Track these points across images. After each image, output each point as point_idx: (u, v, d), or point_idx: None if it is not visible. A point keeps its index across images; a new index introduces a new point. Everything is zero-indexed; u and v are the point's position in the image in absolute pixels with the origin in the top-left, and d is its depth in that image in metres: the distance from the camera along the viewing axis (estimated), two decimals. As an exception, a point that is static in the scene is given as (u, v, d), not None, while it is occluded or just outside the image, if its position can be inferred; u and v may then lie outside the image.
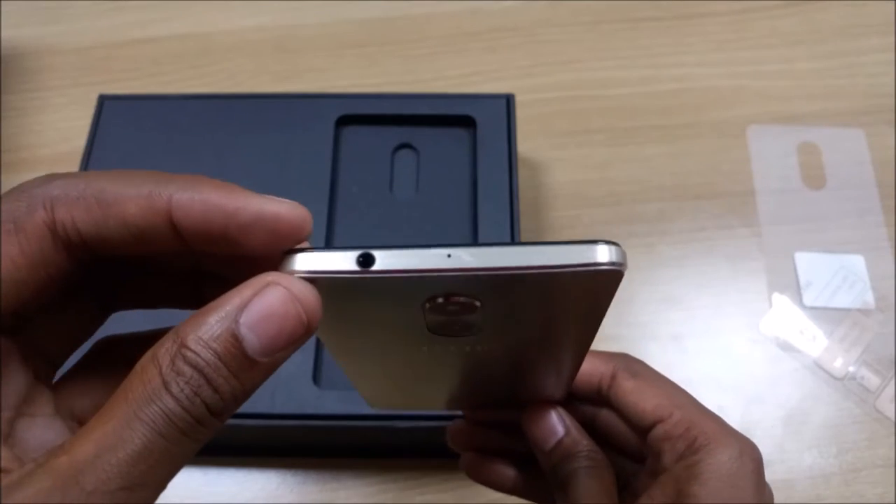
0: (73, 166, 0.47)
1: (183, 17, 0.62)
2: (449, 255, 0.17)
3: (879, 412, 0.45)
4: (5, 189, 0.17)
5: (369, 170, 0.47)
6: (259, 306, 0.16)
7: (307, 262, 0.17)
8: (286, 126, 0.48)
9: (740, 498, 0.25)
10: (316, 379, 0.40)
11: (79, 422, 0.19)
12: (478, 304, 0.18)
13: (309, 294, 0.17)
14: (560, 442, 0.28)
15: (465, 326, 0.20)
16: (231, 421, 0.41)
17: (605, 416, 0.29)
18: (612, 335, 0.48)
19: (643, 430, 0.28)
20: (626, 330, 0.48)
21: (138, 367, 0.16)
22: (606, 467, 0.28)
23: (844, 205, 0.52)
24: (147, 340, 0.17)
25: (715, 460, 0.25)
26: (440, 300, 0.18)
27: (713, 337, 0.48)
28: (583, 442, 0.28)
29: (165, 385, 0.16)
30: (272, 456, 0.44)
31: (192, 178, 0.18)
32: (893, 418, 0.45)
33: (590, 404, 0.29)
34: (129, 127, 0.48)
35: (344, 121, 0.48)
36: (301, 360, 0.40)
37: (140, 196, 0.17)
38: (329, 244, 0.45)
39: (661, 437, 0.27)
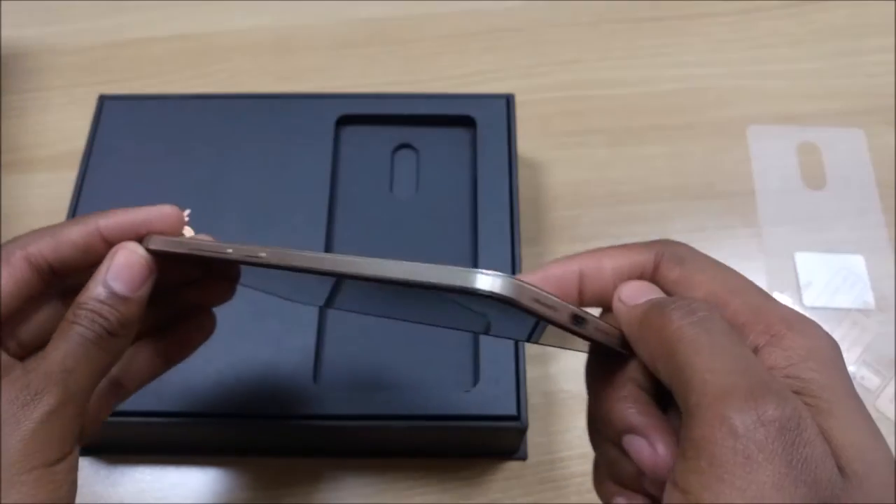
0: (73, 166, 0.47)
1: (183, 17, 0.62)
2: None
3: (879, 412, 0.45)
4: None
5: (369, 170, 0.47)
6: (115, 264, 0.26)
7: (153, 241, 0.28)
8: (286, 126, 0.48)
9: (849, 387, 0.21)
10: (316, 378, 0.40)
11: (24, 346, 0.28)
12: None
13: (142, 252, 0.27)
14: None
15: None
16: (231, 420, 0.41)
17: None
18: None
19: None
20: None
21: (63, 322, 0.26)
22: None
23: (844, 205, 0.52)
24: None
25: (815, 344, 0.22)
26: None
27: (713, 337, 0.48)
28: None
29: (76, 321, 0.26)
30: (272, 455, 0.44)
31: (104, 211, 0.28)
32: (893, 418, 0.45)
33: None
34: (129, 127, 0.48)
35: (344, 121, 0.48)
36: (301, 360, 0.40)
37: (77, 225, 0.27)
38: (328, 246, 0.45)
39: None
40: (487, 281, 0.21)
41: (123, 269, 0.26)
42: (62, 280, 0.28)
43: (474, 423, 0.39)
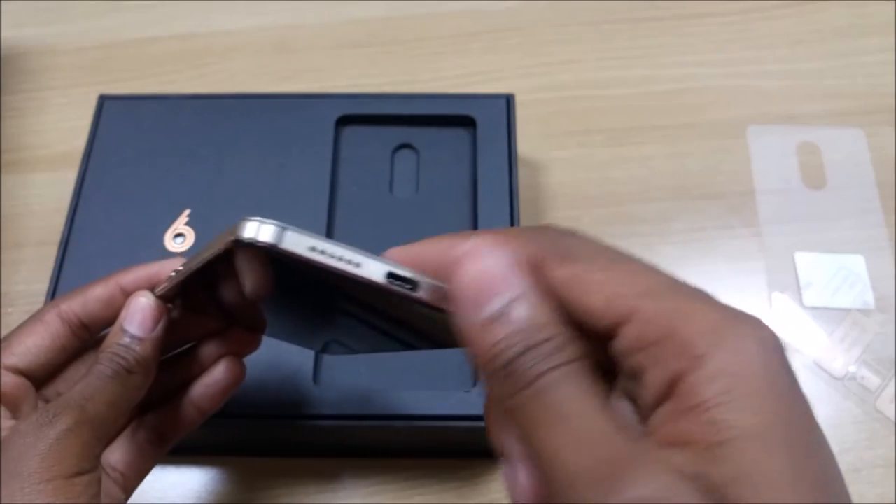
0: (74, 166, 0.47)
1: (183, 17, 0.62)
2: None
3: (879, 412, 0.45)
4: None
5: (369, 170, 0.47)
6: (129, 311, 0.29)
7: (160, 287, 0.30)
8: (286, 126, 0.48)
9: (792, 420, 0.17)
10: (316, 378, 0.40)
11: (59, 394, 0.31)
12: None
13: (150, 297, 0.30)
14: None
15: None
16: (231, 420, 0.41)
17: None
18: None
19: (600, 339, 0.19)
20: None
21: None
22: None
23: (844, 205, 0.52)
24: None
25: (743, 360, 0.17)
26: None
27: (713, 337, 0.48)
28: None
29: (98, 362, 0.29)
30: (272, 455, 0.44)
31: (124, 269, 0.31)
32: (893, 418, 0.45)
33: None
34: (129, 127, 0.48)
35: (344, 121, 0.48)
36: (301, 361, 0.40)
37: (99, 283, 0.31)
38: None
39: (630, 349, 0.18)
40: (249, 228, 0.18)
41: (137, 314, 0.29)
42: (93, 334, 0.31)
43: (474, 423, 0.39)
